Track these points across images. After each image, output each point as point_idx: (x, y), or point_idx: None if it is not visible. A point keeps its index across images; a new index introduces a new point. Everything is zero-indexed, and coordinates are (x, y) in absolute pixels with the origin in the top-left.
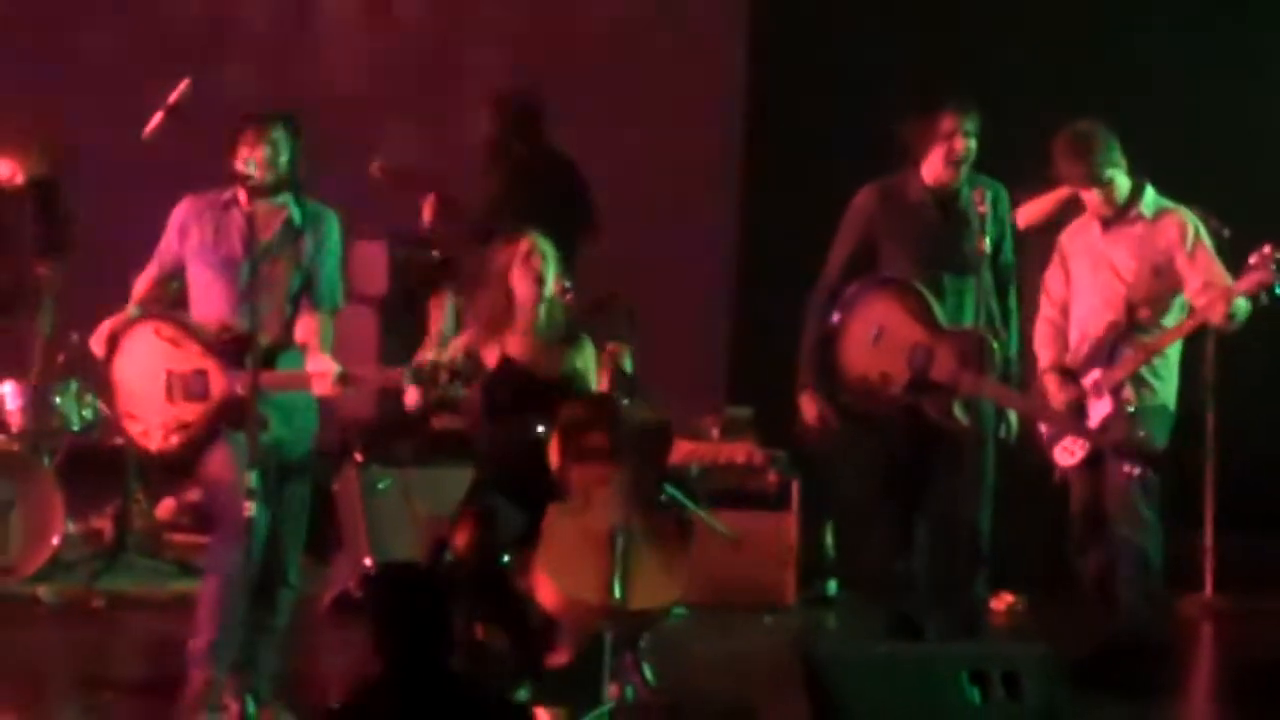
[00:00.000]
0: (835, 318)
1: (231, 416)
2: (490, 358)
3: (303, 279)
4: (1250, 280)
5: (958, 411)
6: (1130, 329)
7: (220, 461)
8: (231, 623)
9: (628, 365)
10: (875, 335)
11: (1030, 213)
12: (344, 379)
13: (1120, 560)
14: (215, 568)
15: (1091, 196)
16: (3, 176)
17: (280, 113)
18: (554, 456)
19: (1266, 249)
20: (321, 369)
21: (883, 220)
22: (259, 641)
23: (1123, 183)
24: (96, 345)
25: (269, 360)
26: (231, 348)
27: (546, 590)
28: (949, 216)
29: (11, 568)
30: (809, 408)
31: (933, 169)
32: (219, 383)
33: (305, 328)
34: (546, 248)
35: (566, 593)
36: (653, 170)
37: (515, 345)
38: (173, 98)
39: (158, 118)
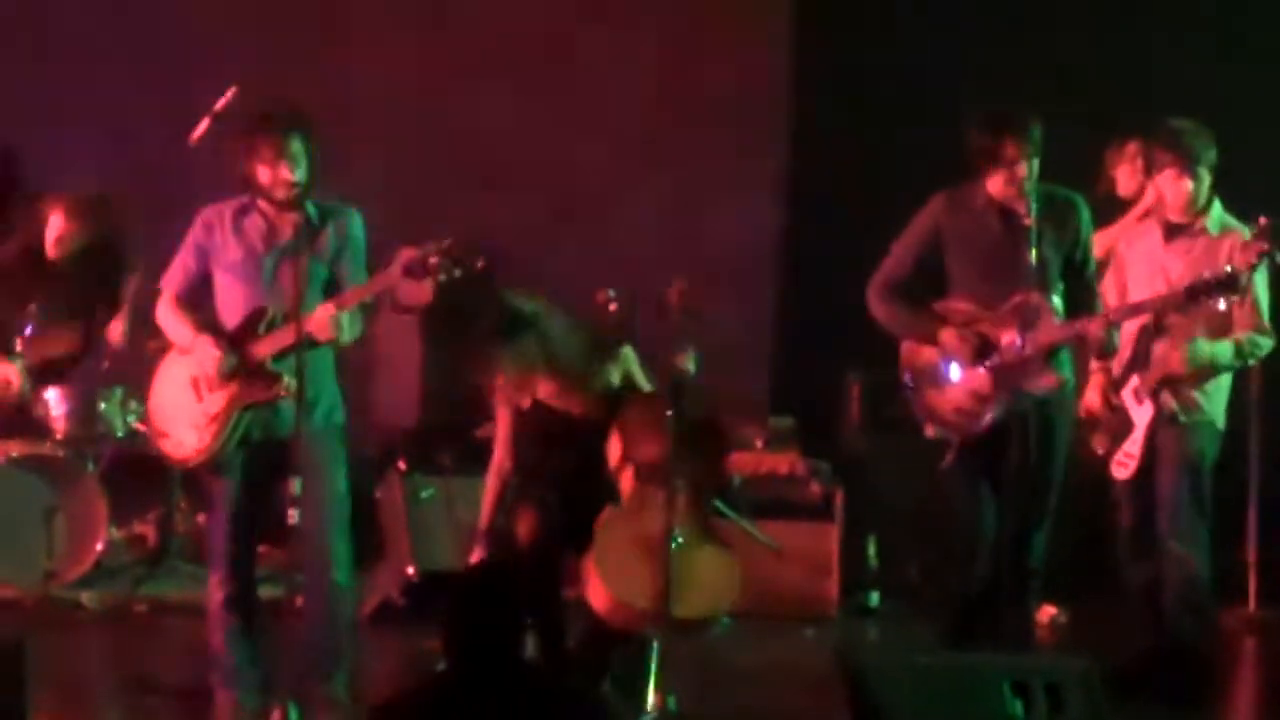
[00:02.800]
0: (907, 379)
1: (254, 389)
2: (524, 403)
3: (327, 273)
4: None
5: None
6: (1156, 331)
7: (220, 492)
8: (243, 647)
9: (691, 366)
10: (944, 366)
11: (1105, 242)
12: (339, 307)
13: (1169, 573)
14: (210, 602)
15: (1173, 190)
16: (57, 231)
17: (295, 120)
18: (611, 455)
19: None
20: (316, 315)
21: (949, 228)
22: (312, 643)
23: (1205, 186)
24: None
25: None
26: (244, 330)
27: (597, 592)
28: (1011, 228)
29: (55, 573)
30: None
31: (995, 186)
32: (234, 361)
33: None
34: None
35: (617, 596)
36: (695, 177)
37: (544, 388)
38: (220, 104)
39: (204, 124)
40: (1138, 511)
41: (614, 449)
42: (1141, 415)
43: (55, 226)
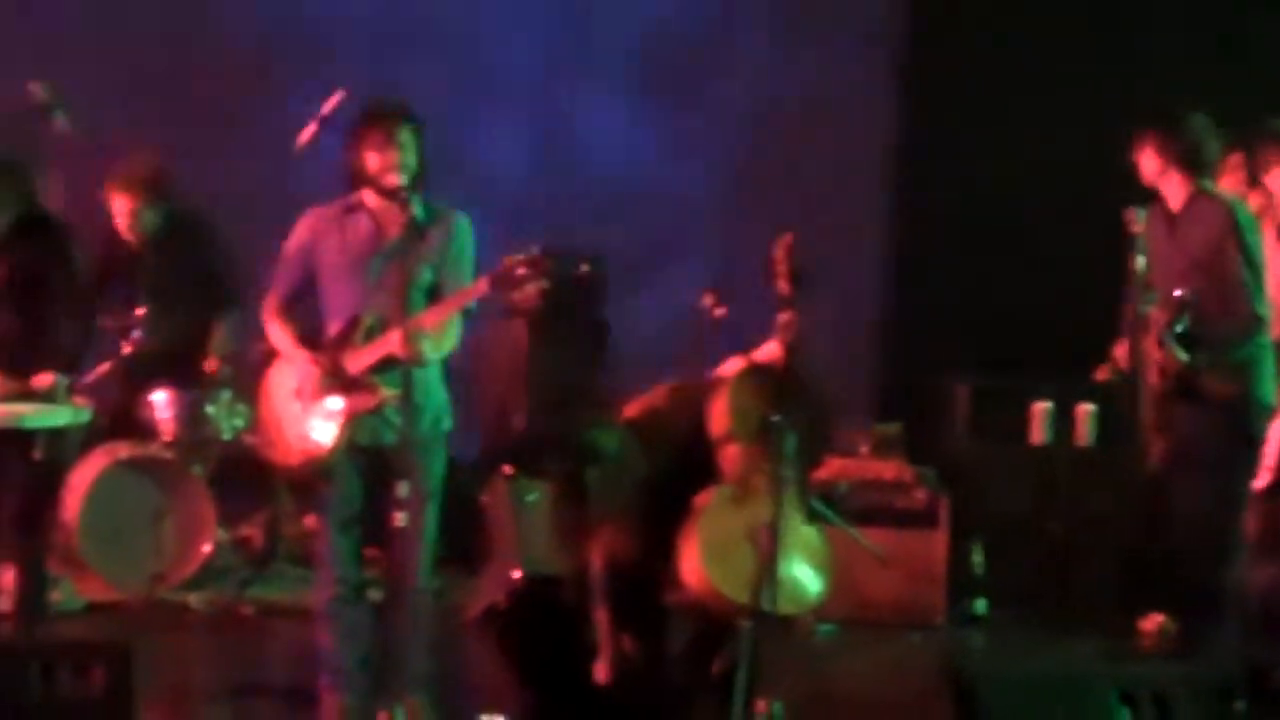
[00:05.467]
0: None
1: (354, 399)
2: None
3: (433, 276)
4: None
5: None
6: None
7: (327, 496)
8: (352, 649)
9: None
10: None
11: None
12: (415, 326)
13: None
14: (317, 604)
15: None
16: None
17: (404, 110)
18: (716, 424)
19: None
20: (393, 335)
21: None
22: (398, 648)
23: None
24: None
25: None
26: (342, 339)
27: (694, 572)
28: (1172, 231)
29: (163, 575)
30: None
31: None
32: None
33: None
34: None
35: (714, 582)
36: (803, 176)
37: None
38: (326, 108)
39: (311, 128)
40: (1263, 522)
41: (718, 418)
42: (1277, 428)
43: (121, 210)
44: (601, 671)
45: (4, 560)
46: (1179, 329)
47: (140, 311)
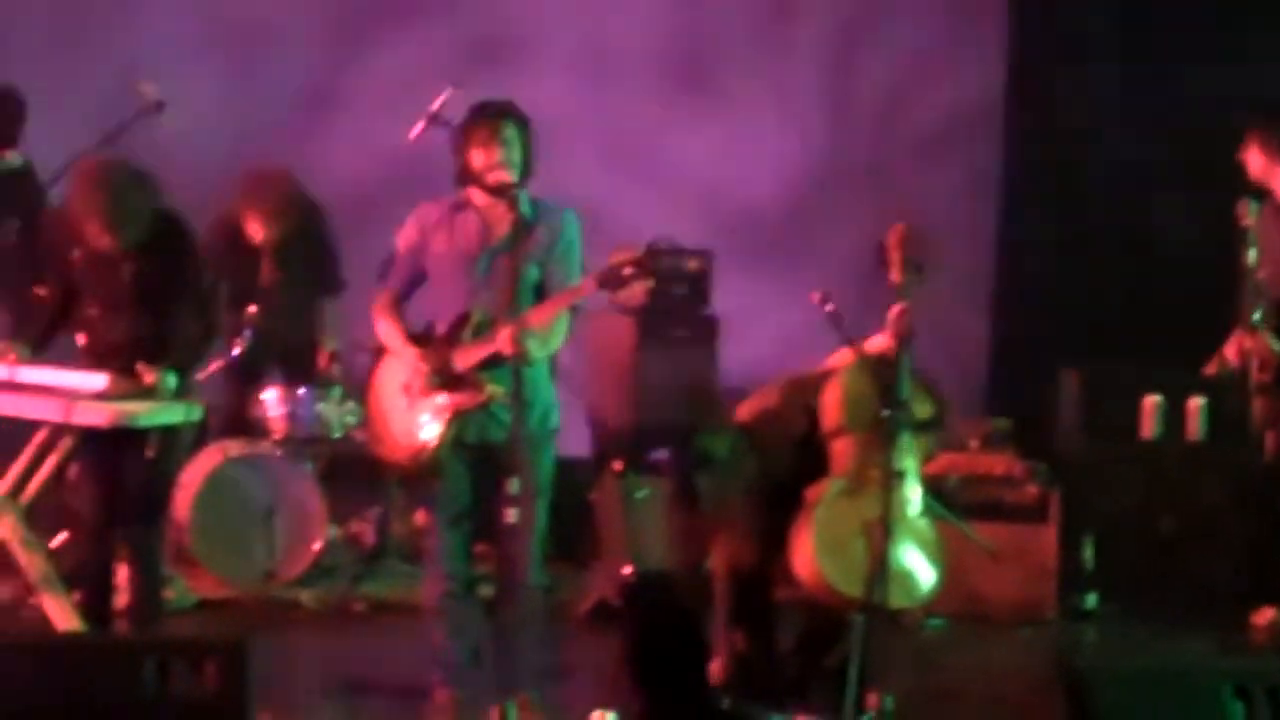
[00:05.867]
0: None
1: (462, 395)
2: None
3: (539, 273)
4: None
5: None
6: None
7: (438, 493)
8: (463, 645)
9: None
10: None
11: None
12: (522, 324)
13: None
14: (428, 600)
15: None
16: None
17: (510, 108)
18: (828, 416)
19: None
20: (502, 333)
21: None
22: (509, 644)
23: None
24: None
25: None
26: (450, 336)
27: (806, 566)
28: None
29: (274, 572)
30: None
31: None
32: (439, 373)
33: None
34: None
35: (827, 576)
36: (912, 172)
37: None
38: (435, 105)
39: (420, 124)
40: None
41: (830, 409)
42: None
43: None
44: (716, 669)
45: (121, 557)
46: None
47: (252, 309)
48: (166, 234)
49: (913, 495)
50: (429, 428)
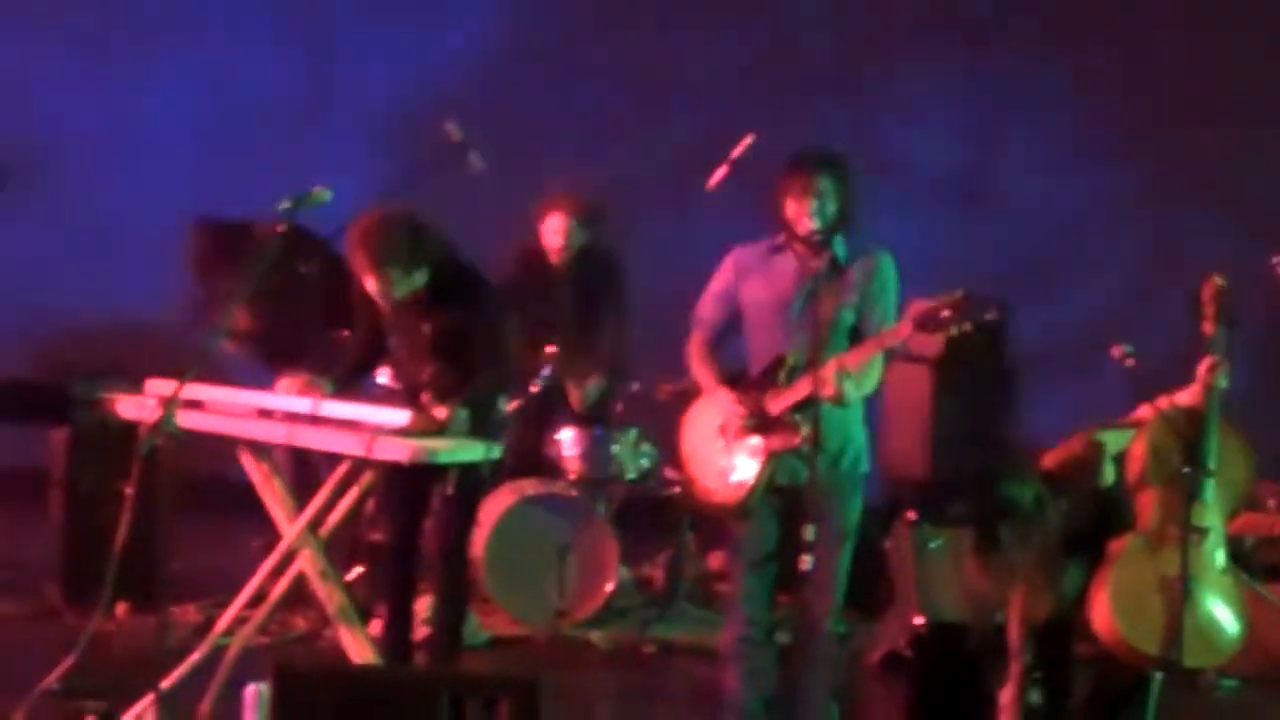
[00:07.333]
0: None
1: (776, 439)
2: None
3: (854, 316)
4: None
5: None
6: None
7: (742, 536)
8: (757, 690)
9: (1223, 382)
10: None
11: None
12: (840, 367)
13: None
14: (724, 644)
15: None
16: (553, 239)
17: (827, 159)
18: (1132, 467)
19: None
20: (821, 373)
21: None
22: (800, 691)
23: None
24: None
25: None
26: (764, 379)
27: (1104, 620)
28: None
29: (566, 612)
30: None
31: None
32: (754, 418)
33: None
34: None
35: (1123, 632)
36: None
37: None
38: (736, 151)
39: (722, 171)
40: None
41: (1135, 462)
42: None
43: (554, 228)
44: None
45: (422, 590)
46: None
47: (550, 349)
48: (459, 288)
49: (1217, 551)
50: (744, 470)
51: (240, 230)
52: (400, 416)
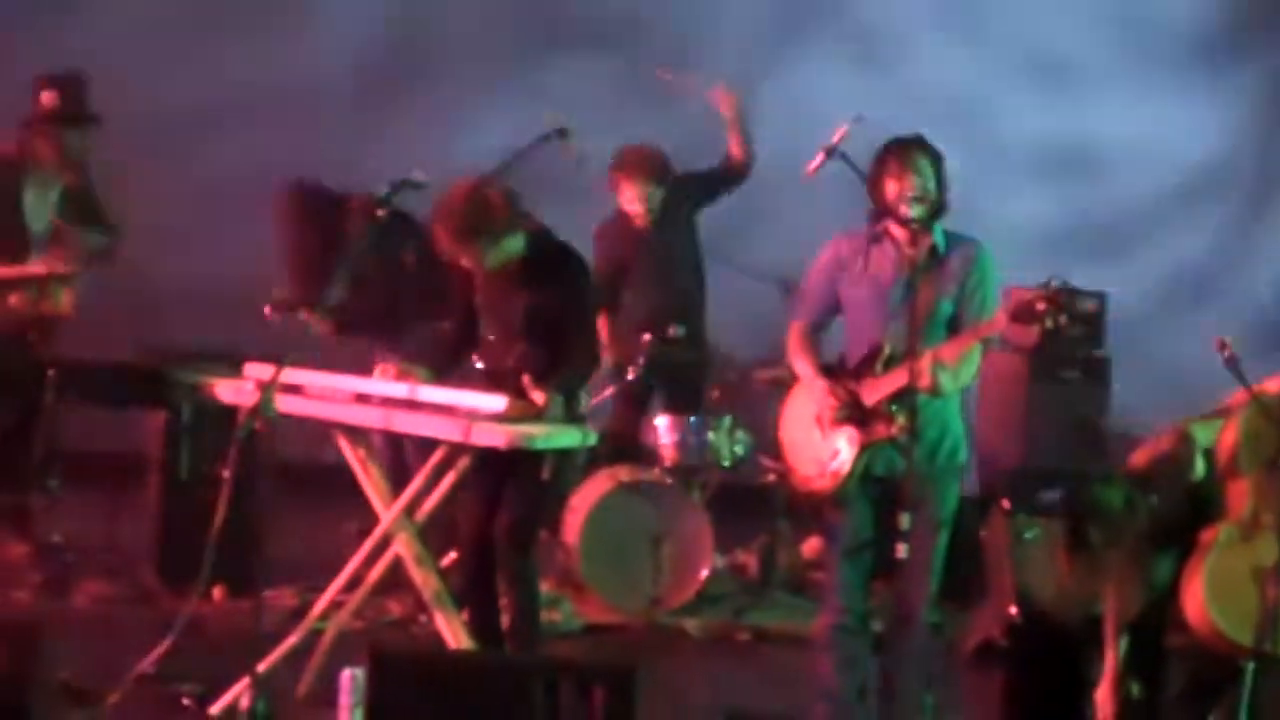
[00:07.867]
0: None
1: (872, 429)
2: None
3: (952, 306)
4: None
5: None
6: None
7: (839, 525)
8: (850, 679)
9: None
10: None
11: None
12: (935, 358)
13: None
14: (819, 632)
15: None
16: (631, 207)
17: (921, 140)
18: (1223, 456)
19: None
20: (919, 363)
21: None
22: (894, 680)
23: None
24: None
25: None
26: (862, 369)
27: (1197, 611)
28: None
29: (660, 599)
30: None
31: None
32: (849, 409)
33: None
34: None
35: (1216, 622)
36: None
37: None
38: (835, 138)
39: (819, 158)
40: None
41: (1226, 450)
42: None
43: (629, 195)
44: (1101, 715)
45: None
46: None
47: (646, 338)
48: (552, 268)
49: None
50: (840, 459)
51: (333, 200)
52: (497, 402)
